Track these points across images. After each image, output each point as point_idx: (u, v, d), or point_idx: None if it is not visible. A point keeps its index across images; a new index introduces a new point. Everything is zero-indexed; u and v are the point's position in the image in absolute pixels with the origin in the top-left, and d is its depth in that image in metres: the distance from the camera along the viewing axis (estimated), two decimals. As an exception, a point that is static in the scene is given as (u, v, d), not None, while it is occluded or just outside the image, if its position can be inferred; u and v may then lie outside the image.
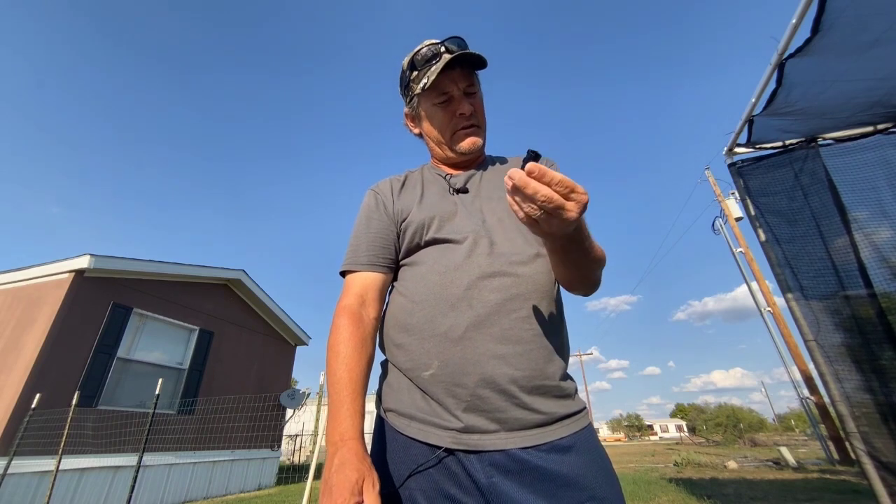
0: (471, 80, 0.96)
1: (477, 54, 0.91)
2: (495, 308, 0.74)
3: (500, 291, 0.75)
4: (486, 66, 0.95)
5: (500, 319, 0.73)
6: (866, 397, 2.15)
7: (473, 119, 0.97)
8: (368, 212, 0.96)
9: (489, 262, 0.79)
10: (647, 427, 60.76)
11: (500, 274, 0.77)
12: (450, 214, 0.89)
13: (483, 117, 1.00)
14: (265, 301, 9.37)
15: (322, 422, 4.52)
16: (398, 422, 0.75)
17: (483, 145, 1.00)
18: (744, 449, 18.96)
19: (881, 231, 2.38)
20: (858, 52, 2.02)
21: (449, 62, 0.89)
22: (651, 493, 5.81)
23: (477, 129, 0.98)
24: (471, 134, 0.97)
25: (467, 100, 0.95)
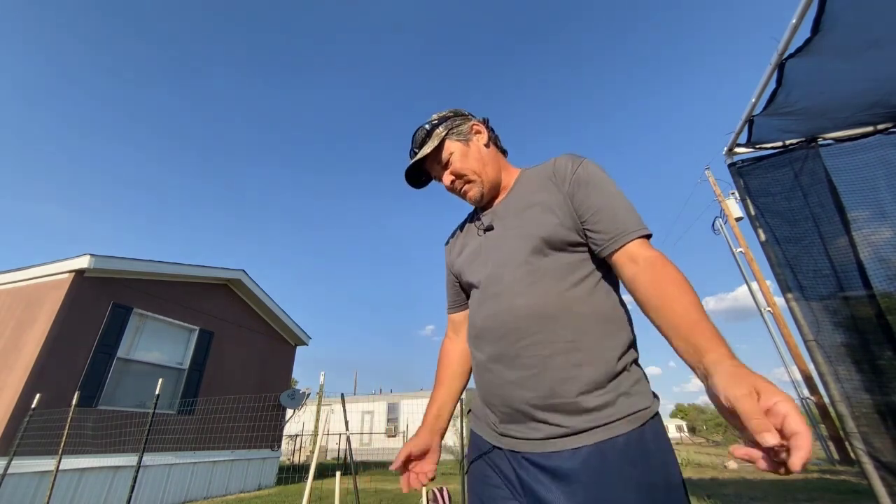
0: (438, 157, 1.09)
1: (415, 164, 1.09)
2: (503, 342, 0.87)
3: (503, 327, 0.87)
4: (430, 146, 1.07)
5: (509, 349, 0.85)
6: (866, 397, 2.15)
7: (459, 182, 1.09)
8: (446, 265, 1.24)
9: (493, 303, 0.91)
10: (647, 427, 60.46)
11: (502, 312, 0.88)
12: (474, 258, 1.04)
13: (470, 168, 1.07)
14: (265, 301, 9.37)
15: (322, 422, 4.52)
16: (473, 420, 0.99)
17: (483, 191, 1.08)
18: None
19: (881, 231, 2.38)
20: (859, 52, 2.02)
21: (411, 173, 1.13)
22: (651, 494, 5.80)
23: (468, 184, 1.08)
24: (466, 192, 1.09)
25: (447, 173, 1.09)
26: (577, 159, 0.97)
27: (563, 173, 0.95)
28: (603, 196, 0.89)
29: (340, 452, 12.77)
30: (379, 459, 15.83)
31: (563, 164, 0.97)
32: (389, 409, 20.01)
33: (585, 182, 0.92)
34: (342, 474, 3.90)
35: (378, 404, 20.47)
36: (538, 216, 0.93)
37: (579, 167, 0.95)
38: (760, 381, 0.53)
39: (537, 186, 1.00)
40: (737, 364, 0.59)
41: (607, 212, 0.87)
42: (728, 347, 0.63)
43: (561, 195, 0.93)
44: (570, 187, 0.93)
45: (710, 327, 0.65)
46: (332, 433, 11.12)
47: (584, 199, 0.90)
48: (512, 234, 0.96)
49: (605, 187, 0.91)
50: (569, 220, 0.90)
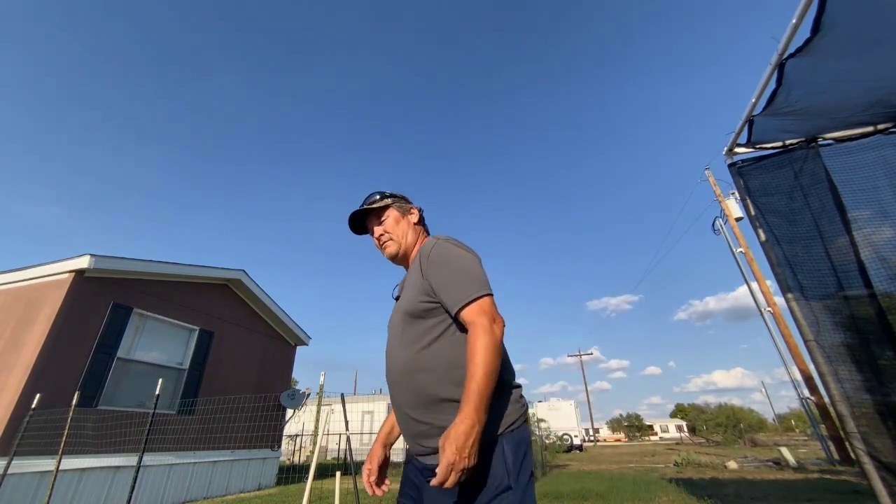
0: (379, 216, 1.44)
1: (362, 210, 1.43)
2: (391, 388, 1.22)
3: (390, 378, 1.23)
4: (378, 207, 1.43)
5: (393, 394, 1.20)
6: (866, 397, 2.15)
7: (384, 237, 1.41)
8: None
9: (388, 359, 1.26)
10: (647, 427, 60.62)
11: (388, 367, 1.25)
12: (391, 317, 1.35)
13: (396, 232, 1.41)
14: (265, 301, 9.37)
15: (322, 422, 4.52)
16: None
17: (398, 252, 1.40)
18: (744, 449, 18.95)
19: (881, 231, 2.38)
20: (858, 52, 2.02)
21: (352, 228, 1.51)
22: (651, 493, 5.81)
23: (390, 241, 1.40)
24: (386, 247, 1.41)
25: (379, 228, 1.42)
26: (432, 243, 1.25)
27: (424, 255, 1.24)
28: (445, 273, 1.16)
29: (340, 452, 12.76)
30: (379, 459, 15.77)
31: (426, 248, 1.26)
32: (390, 409, 19.98)
33: (434, 263, 1.19)
34: (342, 474, 3.90)
35: (378, 404, 20.45)
36: (408, 293, 1.25)
37: (432, 250, 1.23)
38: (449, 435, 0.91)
39: (414, 266, 1.29)
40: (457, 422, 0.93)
41: (447, 286, 1.14)
42: (468, 410, 0.93)
43: (421, 275, 1.21)
44: (426, 268, 1.20)
45: (474, 394, 0.94)
46: (332, 433, 11.12)
47: (432, 277, 1.18)
48: (397, 307, 1.30)
49: (449, 265, 1.18)
50: (423, 296, 1.18)
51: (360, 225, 1.50)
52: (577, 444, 20.33)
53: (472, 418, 0.91)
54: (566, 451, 17.69)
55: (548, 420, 14.92)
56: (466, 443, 0.89)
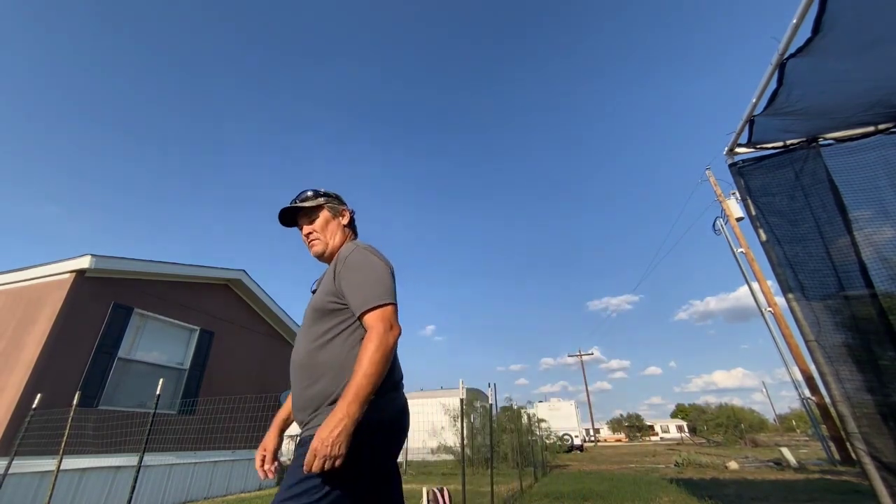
0: (310, 214, 1.47)
1: (290, 208, 1.46)
2: (293, 369, 1.28)
3: (292, 367, 1.29)
4: (310, 206, 1.47)
5: (297, 374, 1.25)
6: (867, 397, 2.14)
7: (312, 236, 1.45)
8: None
9: (294, 348, 1.32)
10: (647, 427, 60.55)
11: (293, 358, 1.30)
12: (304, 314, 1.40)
13: (325, 232, 1.46)
14: (265, 301, 9.38)
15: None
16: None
17: (324, 252, 1.44)
18: (745, 449, 18.94)
19: (882, 231, 2.37)
20: (859, 51, 2.02)
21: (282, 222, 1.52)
22: (652, 494, 5.81)
23: (316, 241, 1.45)
24: (312, 245, 1.46)
25: (308, 227, 1.46)
26: (350, 249, 1.32)
27: (341, 259, 1.30)
28: (356, 277, 1.24)
29: (341, 452, 12.72)
30: (379, 459, 15.77)
31: (343, 253, 1.33)
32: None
33: (348, 267, 1.27)
34: (343, 474, 3.89)
35: (378, 404, 20.42)
36: (321, 289, 1.32)
37: (349, 255, 1.29)
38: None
39: (330, 267, 1.35)
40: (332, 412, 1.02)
41: (355, 289, 1.22)
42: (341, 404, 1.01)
43: (334, 277, 1.28)
44: (339, 271, 1.27)
45: (351, 392, 1.03)
46: (333, 433, 11.08)
47: (344, 280, 1.25)
48: (311, 302, 1.35)
49: (361, 270, 1.25)
50: (332, 296, 1.26)
51: (290, 218, 1.51)
52: (578, 444, 20.31)
53: (343, 412, 1.00)
54: (567, 452, 17.69)
55: (548, 420, 14.93)
56: (331, 433, 0.97)
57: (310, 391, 1.19)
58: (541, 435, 12.03)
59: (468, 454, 11.06)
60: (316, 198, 1.49)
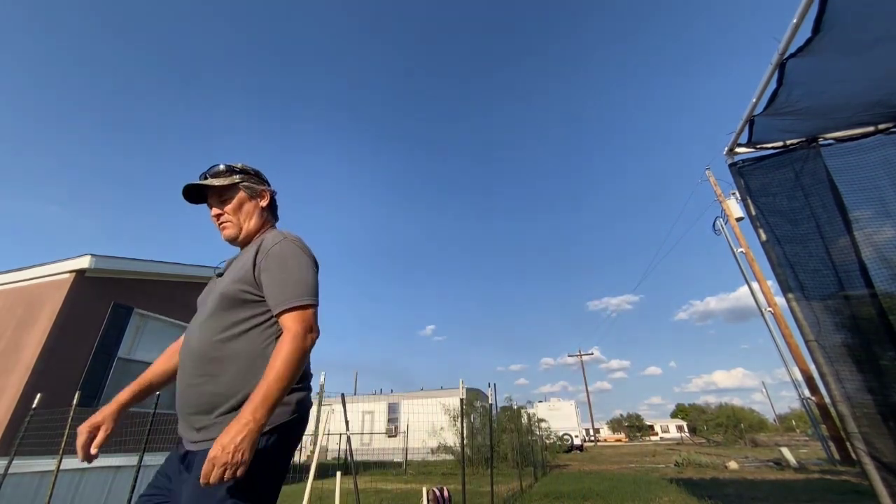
0: (221, 193, 1.30)
1: (198, 185, 1.28)
2: (183, 366, 1.16)
3: (185, 356, 1.17)
4: (221, 182, 1.29)
5: (184, 374, 1.14)
6: (867, 397, 2.14)
7: (223, 218, 1.30)
8: None
9: (188, 334, 1.22)
10: (647, 427, 60.60)
11: (187, 344, 1.19)
12: (207, 292, 1.31)
13: (239, 215, 1.31)
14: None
15: (322, 422, 4.52)
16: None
17: (237, 235, 1.31)
18: (745, 449, 18.95)
19: (883, 231, 2.38)
20: (859, 51, 2.02)
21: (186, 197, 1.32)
22: (652, 494, 5.81)
23: (228, 223, 1.30)
24: (224, 228, 1.31)
25: (219, 208, 1.30)
26: (276, 239, 1.22)
27: (264, 249, 1.20)
28: (280, 272, 1.15)
29: (341, 452, 12.77)
30: (379, 459, 15.82)
31: (267, 242, 1.22)
32: (390, 410, 20.01)
33: (272, 259, 1.17)
34: (342, 474, 3.90)
35: (378, 404, 20.46)
36: (233, 276, 1.19)
37: (274, 246, 1.19)
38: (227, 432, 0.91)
39: (247, 253, 1.24)
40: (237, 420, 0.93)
41: (278, 285, 1.13)
42: (248, 409, 0.94)
43: (254, 266, 1.18)
44: (262, 262, 1.17)
45: (259, 396, 0.96)
46: (333, 433, 11.12)
47: (265, 272, 1.16)
48: (218, 286, 1.22)
49: (286, 265, 1.17)
50: (247, 286, 1.16)
51: (199, 195, 1.33)
52: (578, 444, 20.32)
53: (249, 417, 0.93)
54: (566, 452, 17.70)
55: (548, 420, 14.93)
56: (234, 439, 0.89)
57: (209, 387, 1.07)
58: (541, 435, 12.04)
59: (468, 454, 11.06)
60: (230, 174, 1.32)
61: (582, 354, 42.32)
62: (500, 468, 9.24)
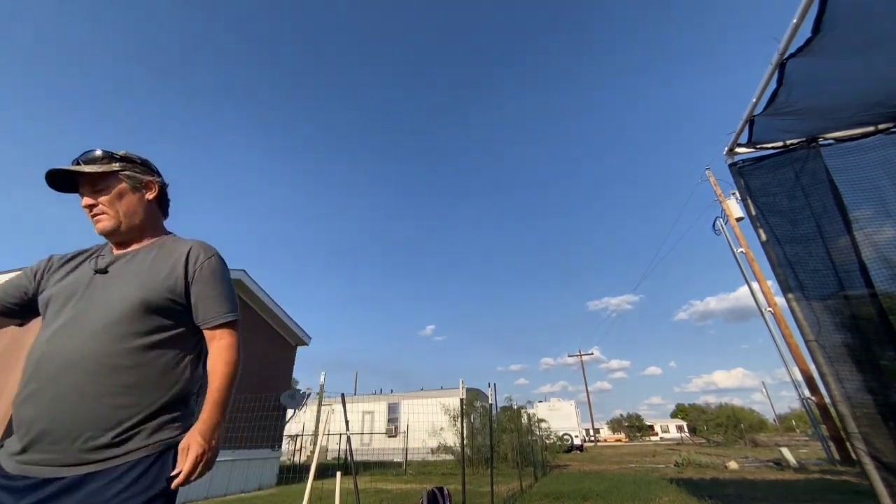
0: (95, 182, 1.15)
1: (67, 170, 1.13)
2: (70, 364, 1.05)
3: (66, 362, 1.05)
4: (95, 169, 1.14)
5: (89, 371, 1.03)
6: (867, 397, 2.14)
7: (97, 209, 1.15)
8: None
9: (66, 339, 1.07)
10: (647, 427, 60.64)
11: (70, 350, 1.06)
12: (75, 289, 1.10)
13: (117, 208, 1.17)
14: (266, 301, 9.38)
15: (322, 422, 4.52)
16: None
17: (114, 229, 1.17)
18: (745, 449, 18.95)
19: (883, 231, 2.38)
20: (859, 51, 2.02)
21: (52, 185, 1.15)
22: (652, 494, 5.81)
23: (104, 215, 1.16)
24: (98, 221, 1.16)
25: (93, 198, 1.15)
26: (208, 252, 1.21)
27: (193, 258, 1.17)
28: (214, 287, 1.17)
29: (341, 452, 12.77)
30: (379, 459, 15.82)
31: (197, 252, 1.19)
32: (390, 410, 20.01)
33: (206, 272, 1.17)
34: (342, 474, 3.90)
35: (378, 404, 20.46)
36: (143, 281, 1.10)
37: (207, 259, 1.19)
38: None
39: (169, 257, 1.17)
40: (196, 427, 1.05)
41: (212, 300, 1.16)
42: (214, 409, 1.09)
43: (184, 274, 1.14)
44: (193, 273, 1.16)
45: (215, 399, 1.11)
46: (333, 433, 11.12)
47: (198, 284, 1.15)
48: (120, 288, 1.09)
49: (221, 280, 1.20)
50: (172, 294, 1.11)
51: (69, 182, 1.17)
52: (578, 444, 20.32)
53: (217, 418, 1.06)
54: (566, 452, 17.70)
55: (548, 420, 14.93)
56: (213, 437, 1.03)
57: (122, 399, 0.99)
58: (541, 435, 12.04)
59: (468, 454, 11.06)
60: (108, 161, 1.18)
61: (582, 354, 42.33)
62: (500, 468, 9.24)
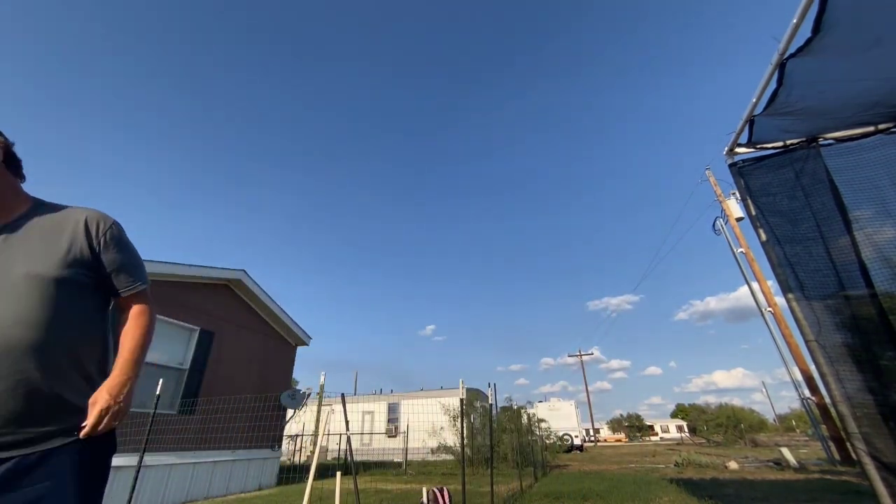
0: None
1: None
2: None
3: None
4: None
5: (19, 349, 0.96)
6: (867, 398, 2.14)
7: None
8: None
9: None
10: (647, 427, 60.65)
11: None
12: None
13: None
14: (266, 301, 9.38)
15: (322, 422, 4.52)
16: None
17: None
18: (745, 449, 18.96)
19: (883, 231, 2.38)
20: (859, 51, 2.02)
21: None
22: (652, 494, 5.81)
23: None
24: None
25: None
26: (107, 221, 1.19)
27: (92, 228, 1.15)
28: (124, 256, 1.21)
29: (341, 452, 12.77)
30: (379, 459, 15.83)
31: (96, 221, 1.17)
32: (390, 410, 20.01)
33: (112, 241, 1.18)
34: (342, 474, 3.90)
35: (378, 404, 20.46)
36: (56, 258, 1.07)
37: (109, 228, 1.18)
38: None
39: (62, 228, 1.12)
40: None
41: (126, 268, 1.21)
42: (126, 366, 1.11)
43: (87, 246, 1.12)
44: (99, 244, 1.15)
45: (129, 356, 1.14)
46: (333, 433, 11.12)
47: (108, 255, 1.16)
48: (19, 261, 1.03)
49: (127, 248, 1.23)
50: (81, 268, 1.10)
51: None
52: (578, 444, 20.33)
53: (129, 374, 1.07)
54: (566, 452, 17.70)
55: (548, 420, 14.93)
56: (122, 391, 1.03)
57: (55, 374, 0.97)
58: (541, 435, 12.04)
59: (468, 454, 11.06)
60: None
61: (582, 354, 42.33)
62: (500, 468, 9.24)
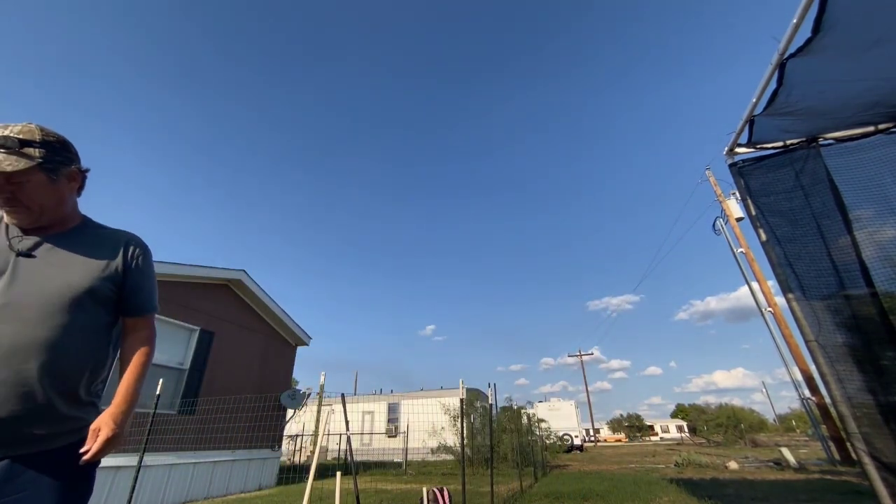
0: (6, 175, 0.99)
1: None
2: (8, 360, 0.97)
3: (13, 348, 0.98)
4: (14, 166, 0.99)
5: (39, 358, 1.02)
6: (868, 398, 2.14)
7: (14, 203, 1.03)
8: None
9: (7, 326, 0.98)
10: (647, 427, 60.64)
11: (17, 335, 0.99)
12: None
13: (40, 203, 1.06)
14: (266, 301, 9.38)
15: (322, 422, 4.52)
16: None
17: (33, 222, 1.09)
18: (745, 449, 18.95)
19: (883, 230, 2.38)
20: (860, 51, 2.02)
21: None
22: (652, 494, 5.81)
23: (25, 210, 1.05)
24: (14, 214, 1.07)
25: (7, 188, 1.01)
26: (140, 243, 1.28)
27: (128, 248, 1.23)
28: (147, 277, 1.27)
29: (341, 453, 12.77)
30: (379, 459, 15.82)
31: (132, 242, 1.25)
32: (390, 410, 20.01)
33: (141, 262, 1.26)
34: (342, 474, 3.90)
35: (378, 404, 20.46)
36: (92, 271, 1.11)
37: (144, 251, 1.28)
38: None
39: (104, 244, 1.19)
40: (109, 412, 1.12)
41: (145, 290, 1.26)
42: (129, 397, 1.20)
43: (123, 265, 1.19)
44: (131, 264, 1.22)
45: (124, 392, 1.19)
46: (333, 433, 11.12)
47: (134, 275, 1.22)
48: (60, 276, 1.06)
49: (152, 270, 1.32)
50: (112, 284, 1.15)
51: None
52: (578, 444, 20.32)
53: (132, 402, 1.17)
54: (566, 452, 17.70)
55: (548, 420, 14.93)
56: (126, 420, 1.13)
57: (72, 384, 1.10)
58: (541, 435, 12.04)
59: (468, 454, 11.06)
60: (21, 154, 0.98)
61: (582, 354, 42.31)
62: (500, 468, 9.24)
